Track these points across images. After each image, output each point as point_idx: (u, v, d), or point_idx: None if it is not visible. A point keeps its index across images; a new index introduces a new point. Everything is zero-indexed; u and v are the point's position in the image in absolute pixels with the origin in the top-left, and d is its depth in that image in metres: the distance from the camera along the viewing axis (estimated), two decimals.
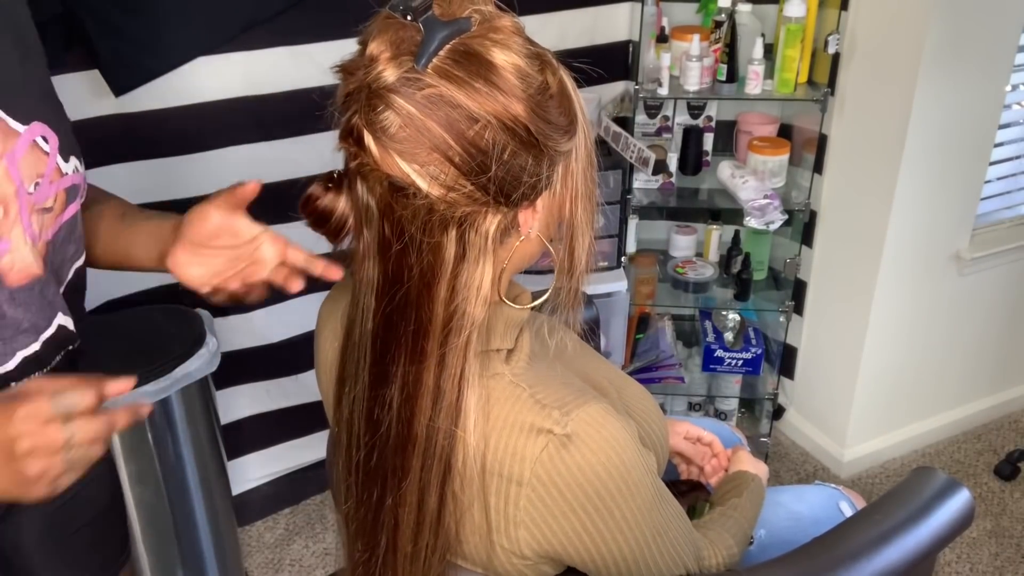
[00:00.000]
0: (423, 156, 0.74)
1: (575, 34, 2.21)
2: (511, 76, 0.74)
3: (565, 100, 0.80)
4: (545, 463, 0.81)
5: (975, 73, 2.00)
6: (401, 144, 0.74)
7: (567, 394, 0.84)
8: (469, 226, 0.77)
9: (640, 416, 0.98)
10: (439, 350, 0.80)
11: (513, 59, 0.75)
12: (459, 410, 0.81)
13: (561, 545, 0.85)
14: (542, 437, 0.81)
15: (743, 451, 1.27)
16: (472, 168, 0.74)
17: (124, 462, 1.75)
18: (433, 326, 0.80)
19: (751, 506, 1.15)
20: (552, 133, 0.78)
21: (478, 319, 0.80)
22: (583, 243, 0.87)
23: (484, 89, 0.73)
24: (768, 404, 2.49)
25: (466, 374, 0.81)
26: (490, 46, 0.74)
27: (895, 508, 1.03)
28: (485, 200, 0.76)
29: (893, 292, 2.18)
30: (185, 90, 1.81)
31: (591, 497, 0.82)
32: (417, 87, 0.73)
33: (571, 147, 0.81)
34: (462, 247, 0.78)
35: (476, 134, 0.74)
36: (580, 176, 0.83)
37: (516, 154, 0.76)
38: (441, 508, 0.85)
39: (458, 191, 0.75)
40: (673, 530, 0.92)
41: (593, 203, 0.86)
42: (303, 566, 2.12)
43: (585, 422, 0.81)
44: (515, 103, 0.74)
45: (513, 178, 0.76)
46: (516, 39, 0.76)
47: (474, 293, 0.79)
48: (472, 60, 0.74)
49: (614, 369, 1.05)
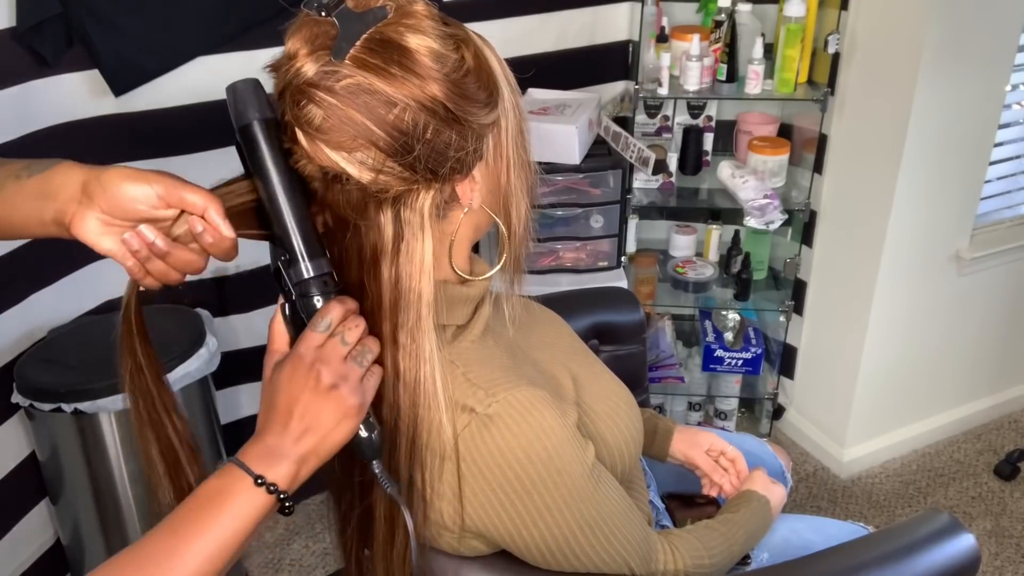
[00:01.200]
0: (349, 143, 0.77)
1: (575, 34, 2.21)
2: (425, 59, 0.77)
3: (483, 74, 0.82)
4: (466, 440, 0.84)
5: (975, 73, 2.00)
6: (327, 135, 0.77)
7: (500, 376, 0.87)
8: (403, 205, 0.80)
9: (598, 412, 0.98)
10: (392, 331, 0.82)
11: (426, 42, 0.77)
12: (421, 389, 0.83)
13: (483, 522, 0.88)
14: (465, 415, 0.84)
15: (760, 471, 1.25)
16: (397, 150, 0.77)
17: (124, 462, 1.76)
18: (383, 307, 0.82)
19: (747, 524, 1.13)
20: (471, 108, 0.80)
21: (426, 295, 0.82)
22: (518, 211, 0.89)
23: (400, 74, 0.76)
24: (768, 404, 2.49)
25: (423, 352, 0.83)
26: (404, 31, 0.77)
27: (887, 539, 1.03)
28: (415, 178, 0.79)
29: (893, 292, 2.18)
30: (185, 90, 1.81)
31: (510, 479, 0.85)
32: (336, 79, 0.75)
33: (495, 117, 0.83)
34: (399, 225, 0.80)
35: (396, 117, 0.76)
36: (511, 144, 0.86)
37: (439, 132, 0.78)
38: (412, 492, 0.87)
39: (387, 173, 0.78)
40: (611, 525, 0.92)
41: (527, 170, 0.89)
42: (303, 566, 2.12)
43: (510, 404, 0.84)
44: (431, 84, 0.77)
45: (439, 154, 0.79)
46: (428, 22, 0.78)
47: (417, 269, 0.81)
48: (387, 47, 0.76)
49: (593, 367, 1.06)
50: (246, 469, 0.75)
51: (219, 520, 0.73)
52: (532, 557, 0.92)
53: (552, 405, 0.87)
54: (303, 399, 0.76)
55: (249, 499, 0.74)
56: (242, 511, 0.74)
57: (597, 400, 0.99)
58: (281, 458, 0.76)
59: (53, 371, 1.68)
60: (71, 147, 1.75)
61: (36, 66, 1.66)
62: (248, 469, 0.75)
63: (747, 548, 1.13)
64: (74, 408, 1.64)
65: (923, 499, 2.32)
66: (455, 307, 0.90)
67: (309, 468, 0.78)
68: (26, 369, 1.69)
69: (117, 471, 1.76)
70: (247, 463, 0.75)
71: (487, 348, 0.91)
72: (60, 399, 1.64)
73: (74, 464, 1.76)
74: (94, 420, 1.70)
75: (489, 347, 0.91)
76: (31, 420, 1.77)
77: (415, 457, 0.85)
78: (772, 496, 1.21)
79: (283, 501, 0.76)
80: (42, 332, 1.81)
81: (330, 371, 0.77)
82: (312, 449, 0.77)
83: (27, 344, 1.80)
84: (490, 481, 0.85)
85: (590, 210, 2.15)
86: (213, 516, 0.73)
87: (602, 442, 0.97)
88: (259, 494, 0.74)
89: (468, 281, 0.91)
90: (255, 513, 0.74)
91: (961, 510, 2.28)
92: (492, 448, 0.84)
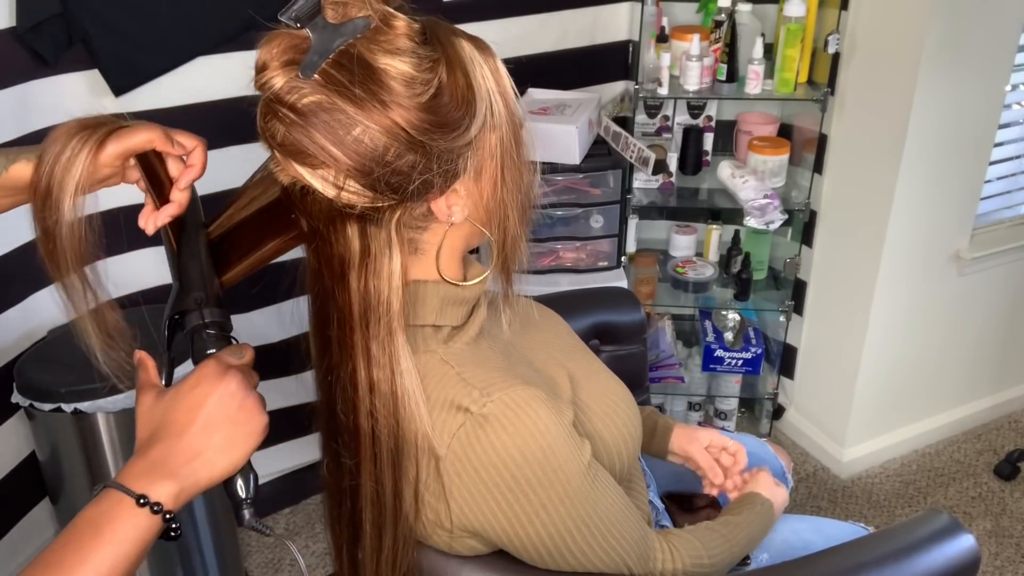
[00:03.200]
0: (311, 160, 0.76)
1: (575, 34, 2.21)
2: (394, 82, 0.75)
3: (461, 94, 0.79)
4: (461, 440, 0.84)
5: (975, 73, 2.00)
6: (291, 148, 0.76)
7: (496, 377, 0.87)
8: (369, 221, 0.80)
9: (595, 411, 0.98)
10: (363, 341, 0.82)
11: (398, 64, 0.75)
12: (396, 398, 0.83)
13: (479, 522, 0.88)
14: (460, 415, 0.84)
15: (764, 473, 1.24)
16: (356, 170, 0.76)
17: (123, 462, 1.76)
18: (353, 317, 0.82)
19: (749, 526, 1.13)
20: (440, 132, 0.78)
21: (395, 307, 0.82)
22: (511, 220, 0.87)
23: (363, 96, 0.74)
24: (768, 404, 2.49)
25: (397, 364, 0.83)
26: (376, 50, 0.75)
27: (886, 540, 1.03)
28: (378, 197, 0.78)
29: (893, 292, 2.18)
30: (185, 90, 1.81)
31: (506, 479, 0.85)
32: (300, 95, 0.75)
33: (473, 136, 0.81)
34: (365, 240, 0.80)
35: (354, 139, 0.75)
36: (501, 157, 0.84)
37: (400, 155, 0.77)
38: (397, 501, 0.87)
39: (348, 191, 0.77)
40: (607, 524, 0.92)
41: (522, 178, 0.87)
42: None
43: (505, 404, 0.84)
44: (395, 109, 0.75)
45: (402, 176, 0.78)
46: (405, 41, 0.77)
47: (385, 283, 0.81)
48: (357, 65, 0.75)
49: (591, 365, 1.05)
50: (125, 490, 0.70)
51: (100, 549, 0.68)
52: (529, 556, 0.92)
53: (547, 404, 0.86)
54: (209, 403, 0.74)
55: (132, 523, 0.69)
56: (126, 536, 0.69)
57: (595, 399, 0.99)
58: (167, 475, 0.72)
59: (53, 371, 1.68)
60: None
61: (36, 66, 1.66)
62: (127, 490, 0.70)
63: (748, 550, 1.13)
64: (74, 408, 1.64)
65: (923, 499, 2.32)
66: (450, 308, 0.90)
67: (198, 487, 0.74)
68: (26, 369, 1.69)
69: (116, 471, 1.76)
70: (127, 483, 0.71)
71: (482, 349, 0.91)
72: (60, 399, 1.64)
73: (74, 464, 1.76)
74: (94, 420, 1.69)
75: (483, 349, 0.91)
76: (31, 420, 1.77)
77: (398, 466, 0.85)
78: (775, 498, 1.20)
79: (169, 523, 0.71)
80: (42, 332, 1.81)
81: (244, 383, 0.76)
82: (203, 464, 0.74)
83: (27, 344, 1.80)
84: (486, 481, 0.85)
85: (590, 210, 2.15)
86: (94, 546, 0.68)
87: (600, 441, 0.97)
88: (143, 515, 0.70)
89: (465, 284, 0.91)
90: (141, 536, 0.70)
91: (961, 510, 2.28)
92: (487, 447, 0.84)
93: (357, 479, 0.87)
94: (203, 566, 1.88)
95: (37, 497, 1.92)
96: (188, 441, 0.74)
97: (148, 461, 0.73)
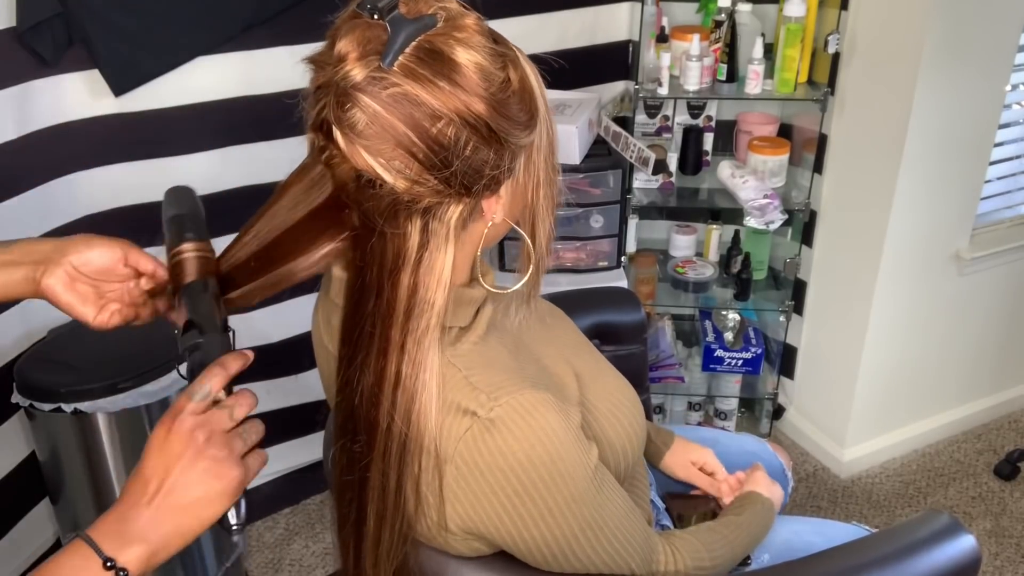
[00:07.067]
0: (388, 151, 0.76)
1: (575, 34, 2.21)
2: (473, 74, 0.76)
3: (526, 95, 0.82)
4: (468, 443, 0.84)
5: (975, 73, 2.00)
6: (367, 140, 0.76)
7: (503, 379, 0.87)
8: (432, 216, 0.80)
9: (601, 411, 0.99)
10: (400, 337, 0.82)
11: (475, 57, 0.77)
12: (418, 395, 0.83)
13: (484, 525, 0.88)
14: (467, 418, 0.84)
15: (760, 471, 1.25)
16: (435, 163, 0.77)
17: (124, 462, 1.76)
18: (396, 313, 0.82)
19: (749, 526, 1.13)
20: (512, 128, 0.80)
21: (438, 305, 0.82)
22: (544, 227, 0.90)
23: (447, 87, 0.75)
24: (768, 404, 2.49)
25: (423, 360, 0.83)
26: (454, 44, 0.76)
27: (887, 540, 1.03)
28: (448, 192, 0.79)
29: (893, 292, 2.18)
30: (185, 90, 1.81)
31: (512, 483, 0.85)
32: (383, 86, 0.75)
33: (532, 139, 0.84)
34: (425, 236, 0.80)
35: (439, 131, 0.76)
36: (542, 165, 0.87)
37: (478, 149, 0.78)
38: (399, 496, 0.87)
39: (422, 184, 0.78)
40: (612, 527, 0.93)
41: (554, 189, 0.90)
42: (303, 566, 2.12)
43: (513, 408, 0.84)
44: (476, 101, 0.76)
45: (475, 171, 0.79)
46: (479, 37, 0.78)
47: (435, 280, 0.81)
48: (436, 58, 0.76)
49: (598, 363, 1.06)
50: (96, 548, 0.68)
51: None
52: (533, 559, 0.92)
53: (556, 408, 0.86)
54: (175, 469, 0.71)
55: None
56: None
57: (601, 398, 0.99)
58: (135, 539, 0.70)
59: (53, 371, 1.68)
60: (71, 147, 1.75)
61: (36, 66, 1.66)
62: (98, 549, 0.68)
63: (749, 550, 1.13)
64: (74, 408, 1.64)
65: (923, 499, 2.32)
66: (459, 309, 0.89)
67: (168, 552, 0.72)
68: (26, 369, 1.69)
69: (116, 471, 1.76)
70: (99, 539, 0.69)
71: (490, 349, 0.91)
72: (60, 399, 1.64)
73: (74, 464, 1.76)
74: (94, 420, 1.69)
75: (492, 347, 0.91)
76: (31, 420, 1.77)
77: (405, 461, 0.85)
78: (772, 496, 1.21)
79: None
80: (42, 332, 1.81)
81: (212, 440, 0.72)
82: (174, 530, 0.72)
83: (27, 344, 1.80)
84: (492, 484, 0.85)
85: (590, 210, 2.15)
86: None
87: (605, 440, 0.97)
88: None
89: (474, 283, 0.91)
90: None
91: (961, 510, 2.28)
92: (494, 451, 0.84)
93: (367, 472, 0.87)
94: (203, 566, 1.88)
95: (37, 497, 1.92)
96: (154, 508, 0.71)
97: (121, 520, 0.71)
